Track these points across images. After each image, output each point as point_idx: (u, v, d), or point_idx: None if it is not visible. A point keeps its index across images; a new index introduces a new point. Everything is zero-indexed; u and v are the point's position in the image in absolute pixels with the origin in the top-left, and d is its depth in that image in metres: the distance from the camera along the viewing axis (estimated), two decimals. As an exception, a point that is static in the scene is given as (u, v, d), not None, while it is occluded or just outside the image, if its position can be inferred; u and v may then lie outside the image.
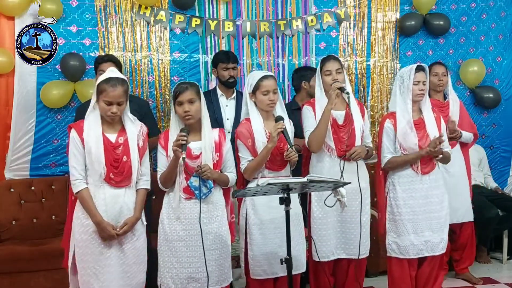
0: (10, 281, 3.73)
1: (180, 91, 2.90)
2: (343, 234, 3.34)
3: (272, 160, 3.13)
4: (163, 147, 2.96)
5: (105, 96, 2.76)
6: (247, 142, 3.12)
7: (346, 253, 3.37)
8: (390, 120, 3.41)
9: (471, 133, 4.16)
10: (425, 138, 3.36)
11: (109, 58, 3.79)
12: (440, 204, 3.41)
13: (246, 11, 4.66)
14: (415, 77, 3.34)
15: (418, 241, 3.35)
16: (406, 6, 4.93)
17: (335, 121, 3.34)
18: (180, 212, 2.92)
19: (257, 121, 3.17)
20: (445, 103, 4.14)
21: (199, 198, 2.87)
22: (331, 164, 3.32)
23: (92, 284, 2.76)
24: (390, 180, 3.44)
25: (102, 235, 2.76)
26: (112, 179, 2.79)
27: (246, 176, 3.14)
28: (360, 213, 3.28)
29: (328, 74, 3.34)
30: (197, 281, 2.91)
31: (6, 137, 4.28)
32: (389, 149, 3.40)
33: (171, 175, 2.89)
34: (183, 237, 2.91)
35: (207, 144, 2.92)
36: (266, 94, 3.13)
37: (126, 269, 2.82)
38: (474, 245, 4.24)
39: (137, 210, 2.86)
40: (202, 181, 2.87)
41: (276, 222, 3.12)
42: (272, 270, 3.14)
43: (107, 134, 2.82)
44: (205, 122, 2.96)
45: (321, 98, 3.37)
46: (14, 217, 4.13)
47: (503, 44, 5.13)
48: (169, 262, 2.92)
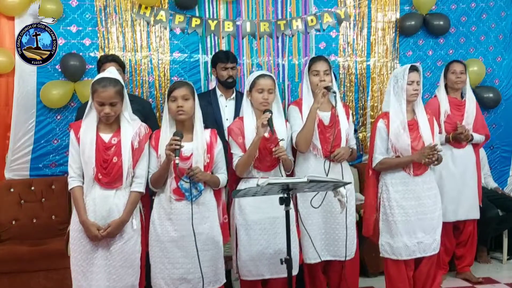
0: (10, 281, 3.72)
1: (175, 87, 2.93)
2: (328, 235, 3.35)
3: (261, 159, 3.14)
4: (154, 147, 2.94)
5: (96, 96, 2.77)
6: (238, 139, 3.15)
7: (331, 255, 3.37)
8: (383, 120, 3.41)
9: (482, 135, 4.19)
10: (418, 139, 3.37)
11: (112, 58, 3.81)
12: (433, 206, 3.41)
13: (246, 11, 4.65)
14: (409, 77, 3.34)
15: (411, 242, 3.35)
16: (406, 6, 4.93)
17: (321, 122, 3.37)
18: (171, 213, 2.91)
19: (250, 119, 3.19)
20: (462, 102, 4.17)
21: (189, 200, 2.86)
22: (317, 164, 3.33)
23: (80, 281, 2.79)
24: (383, 181, 3.44)
25: (87, 234, 2.78)
26: (101, 180, 2.79)
27: (238, 172, 3.15)
28: (346, 214, 3.28)
29: (315, 75, 3.37)
30: (189, 282, 2.91)
31: (6, 137, 4.27)
32: (381, 149, 3.40)
33: (162, 177, 2.89)
34: (175, 238, 2.91)
35: (199, 146, 2.91)
36: (260, 92, 3.15)
37: (112, 271, 2.80)
38: (474, 243, 4.24)
39: (125, 212, 2.82)
40: (192, 184, 2.86)
41: (263, 223, 3.13)
42: (258, 272, 3.14)
43: (102, 134, 2.83)
44: (197, 123, 2.96)
45: (308, 98, 3.39)
46: (14, 217, 4.13)
47: (503, 44, 5.13)
48: (161, 263, 2.92)
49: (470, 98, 4.18)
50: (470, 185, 4.10)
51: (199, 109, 2.98)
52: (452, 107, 4.13)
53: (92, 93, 2.80)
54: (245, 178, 3.20)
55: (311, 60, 3.45)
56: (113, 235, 2.79)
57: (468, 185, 4.09)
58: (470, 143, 4.13)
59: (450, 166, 4.03)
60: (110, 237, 2.79)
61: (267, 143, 3.13)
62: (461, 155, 4.08)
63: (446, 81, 4.21)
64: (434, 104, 4.16)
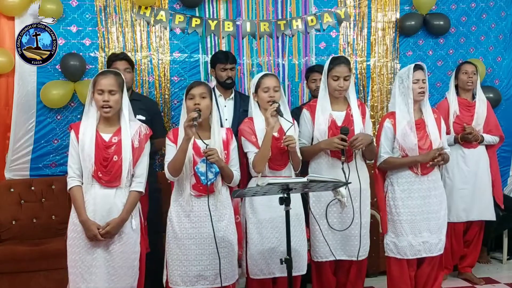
0: (10, 281, 3.72)
1: (193, 86, 2.96)
2: (343, 234, 3.33)
3: (272, 158, 3.14)
4: (173, 141, 2.96)
5: (97, 85, 2.81)
6: (251, 138, 3.15)
7: (347, 255, 3.36)
8: (390, 120, 3.40)
9: (496, 136, 4.18)
10: (425, 138, 3.36)
11: (123, 57, 3.82)
12: (439, 205, 3.41)
13: (246, 11, 4.65)
14: (414, 75, 3.34)
15: (416, 242, 3.35)
16: (406, 6, 4.93)
17: (334, 122, 3.32)
18: (190, 210, 2.93)
19: (259, 119, 3.20)
20: (472, 103, 4.17)
21: (205, 184, 2.88)
22: (329, 165, 3.31)
23: (78, 283, 2.78)
24: (388, 180, 3.44)
25: (87, 234, 2.77)
26: (101, 178, 2.79)
27: (256, 169, 3.12)
28: (360, 214, 3.28)
29: (335, 80, 3.30)
30: (206, 279, 2.93)
31: (6, 137, 4.27)
32: (386, 149, 3.40)
33: (180, 160, 2.85)
34: (193, 235, 2.93)
35: (216, 143, 2.94)
36: (266, 91, 3.17)
37: (111, 272, 2.80)
38: (479, 245, 4.25)
39: (124, 211, 2.82)
40: (208, 166, 2.87)
41: (275, 222, 3.13)
42: (269, 270, 3.15)
43: (102, 134, 2.84)
44: (215, 121, 2.99)
45: (324, 100, 3.36)
46: (14, 217, 4.13)
47: (503, 44, 5.13)
48: (178, 260, 2.94)
49: (481, 99, 4.19)
50: (483, 185, 4.10)
51: (216, 108, 3.02)
52: (461, 108, 4.13)
53: (93, 85, 2.83)
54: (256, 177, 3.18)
55: (332, 62, 3.32)
56: (112, 234, 2.79)
57: (481, 185, 4.09)
58: (482, 144, 4.12)
59: (462, 165, 4.04)
60: (109, 237, 2.78)
61: (277, 143, 3.13)
62: (473, 155, 4.08)
63: (457, 82, 4.21)
64: (444, 105, 4.17)
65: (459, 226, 4.10)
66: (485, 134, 4.12)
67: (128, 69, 3.77)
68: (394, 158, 3.38)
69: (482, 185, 4.10)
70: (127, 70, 3.74)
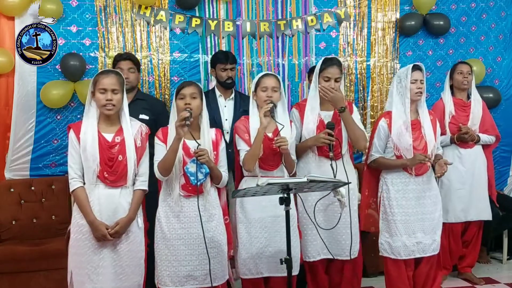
0: (10, 281, 3.72)
1: (184, 86, 2.96)
2: (330, 234, 3.33)
3: (263, 158, 3.14)
4: (162, 140, 2.95)
5: (99, 84, 2.81)
6: (244, 136, 3.17)
7: (334, 254, 3.36)
8: (386, 120, 3.40)
9: (492, 136, 4.18)
10: (420, 139, 3.36)
11: (127, 56, 3.82)
12: (434, 206, 3.41)
13: (246, 11, 4.65)
14: (412, 75, 3.34)
15: (410, 242, 3.35)
16: (406, 6, 4.93)
17: (322, 122, 3.35)
18: (179, 211, 2.92)
19: (255, 119, 3.21)
20: (467, 103, 4.17)
21: (194, 184, 2.87)
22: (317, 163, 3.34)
23: (85, 284, 2.77)
24: (383, 180, 3.44)
25: (95, 234, 2.76)
26: (107, 178, 2.79)
27: (246, 166, 3.14)
28: (350, 214, 3.27)
29: (326, 80, 3.31)
30: (195, 279, 2.93)
31: (6, 137, 4.27)
32: (377, 148, 3.41)
33: (170, 160, 2.84)
34: (182, 235, 2.93)
35: (206, 144, 2.94)
36: (264, 91, 3.18)
37: (119, 271, 2.81)
38: (478, 245, 4.25)
39: (131, 210, 2.84)
40: (198, 166, 2.86)
41: (264, 222, 3.15)
42: (257, 270, 3.16)
43: (104, 134, 2.84)
44: (204, 122, 2.99)
45: (313, 100, 3.38)
46: (14, 217, 4.13)
47: (503, 44, 5.13)
48: (167, 260, 2.93)
49: (476, 99, 4.19)
50: (480, 185, 4.10)
51: (205, 108, 3.02)
52: (457, 108, 4.13)
53: (94, 84, 2.83)
54: (247, 176, 3.20)
55: (325, 62, 3.33)
56: (120, 234, 2.80)
57: (478, 185, 4.09)
58: (478, 143, 4.12)
59: (458, 165, 4.03)
60: (117, 236, 2.79)
61: (270, 143, 3.14)
62: (469, 155, 4.08)
63: (452, 82, 4.21)
64: (439, 105, 4.17)
65: (457, 226, 4.10)
66: (482, 134, 4.12)
67: (132, 69, 3.77)
68: (384, 159, 3.39)
69: (479, 185, 4.10)
70: (131, 70, 3.74)
